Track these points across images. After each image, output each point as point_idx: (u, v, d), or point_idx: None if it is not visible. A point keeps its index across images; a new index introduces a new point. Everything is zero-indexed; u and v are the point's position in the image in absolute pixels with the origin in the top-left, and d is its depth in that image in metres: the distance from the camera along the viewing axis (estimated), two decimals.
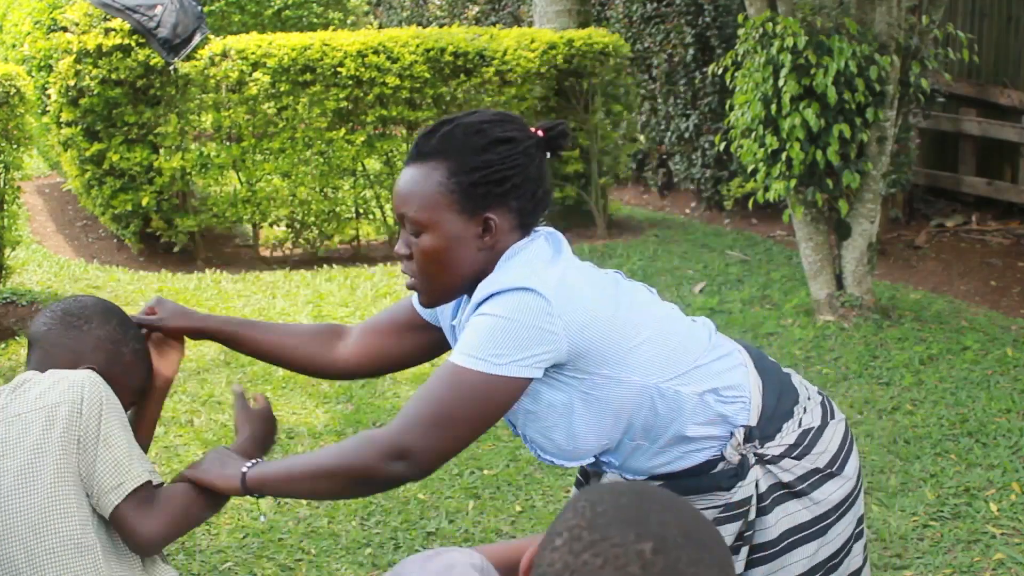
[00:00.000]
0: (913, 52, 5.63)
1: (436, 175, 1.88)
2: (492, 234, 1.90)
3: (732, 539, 1.96)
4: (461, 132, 1.90)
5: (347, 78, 7.13)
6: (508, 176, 1.89)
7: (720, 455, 1.97)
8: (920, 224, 7.91)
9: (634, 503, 1.10)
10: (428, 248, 1.90)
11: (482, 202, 1.89)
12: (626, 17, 9.09)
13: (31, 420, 1.92)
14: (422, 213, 1.89)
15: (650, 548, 1.05)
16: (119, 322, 2.11)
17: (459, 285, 1.94)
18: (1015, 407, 4.61)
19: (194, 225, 7.21)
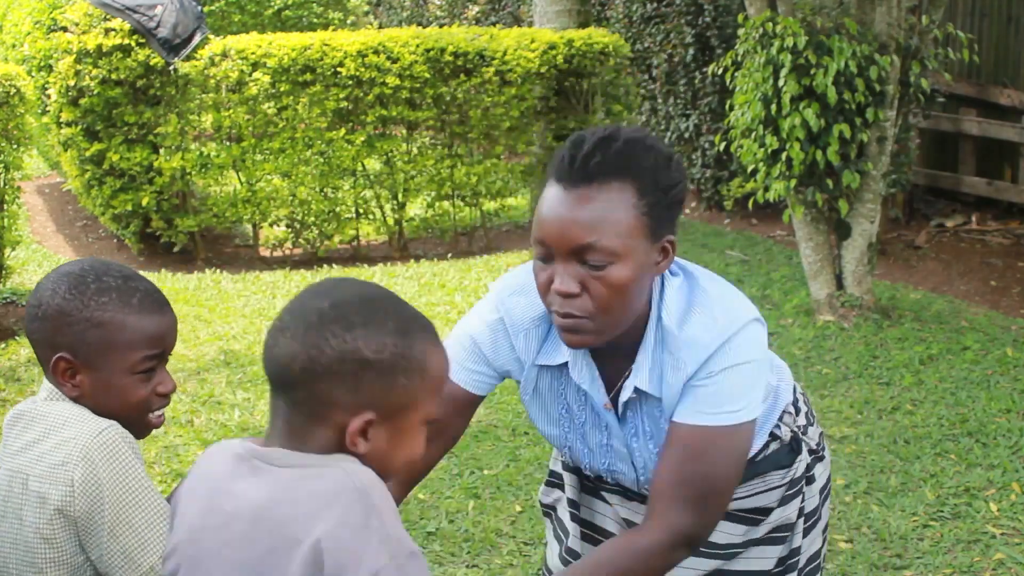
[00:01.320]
0: (913, 52, 5.63)
1: (626, 197, 1.64)
2: (667, 259, 1.71)
3: (796, 513, 2.00)
4: (637, 148, 1.67)
5: (347, 78, 7.13)
6: (683, 196, 1.72)
7: (772, 436, 1.98)
8: (920, 224, 7.91)
9: (329, 283, 1.46)
10: (619, 281, 1.64)
11: (665, 225, 1.69)
12: (626, 17, 9.09)
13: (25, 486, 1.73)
14: (617, 241, 1.63)
15: (328, 304, 1.41)
16: (69, 288, 1.78)
17: (629, 320, 1.72)
18: (1015, 407, 4.61)
19: (194, 225, 7.21)
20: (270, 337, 1.45)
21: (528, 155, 8.14)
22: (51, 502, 1.70)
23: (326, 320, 1.40)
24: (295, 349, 1.40)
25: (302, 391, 1.42)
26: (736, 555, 2.01)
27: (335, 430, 1.42)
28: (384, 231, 7.74)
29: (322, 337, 1.39)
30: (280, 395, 1.46)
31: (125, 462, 1.71)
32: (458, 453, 4.27)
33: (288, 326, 1.43)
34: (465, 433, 4.57)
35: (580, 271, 1.65)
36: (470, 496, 3.94)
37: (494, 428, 4.53)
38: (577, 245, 1.64)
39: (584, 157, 1.65)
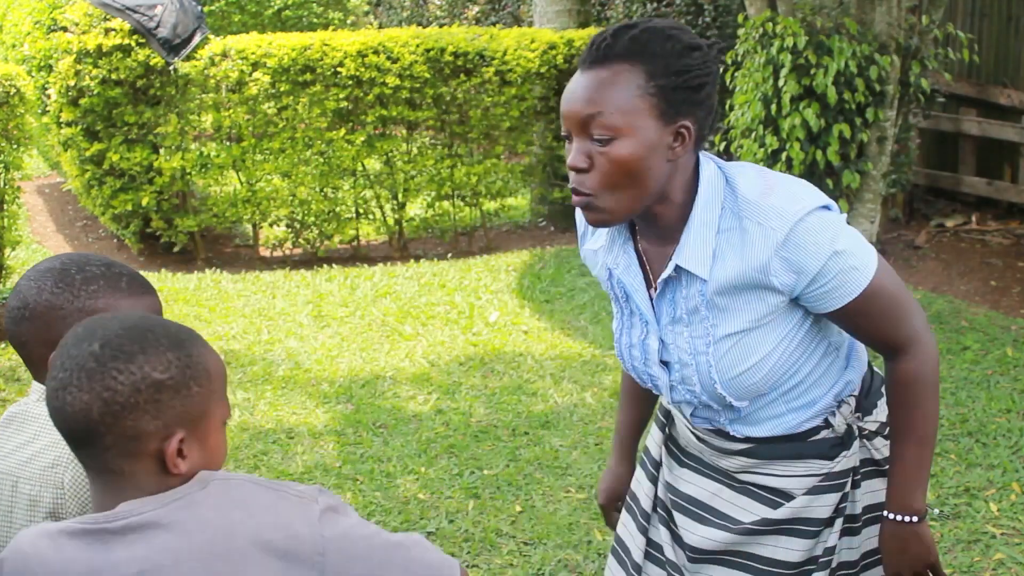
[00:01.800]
0: (913, 52, 5.63)
1: (633, 77, 1.72)
2: (684, 144, 1.76)
3: (830, 510, 1.97)
4: (655, 36, 1.75)
5: (347, 78, 7.13)
6: (703, 83, 1.77)
7: (824, 423, 1.97)
8: (920, 224, 7.91)
9: (87, 327, 1.44)
10: (622, 156, 1.72)
11: (679, 108, 1.75)
12: (626, 17, 9.10)
13: (15, 488, 1.72)
14: (618, 117, 1.72)
15: (98, 346, 1.39)
16: (55, 282, 1.74)
17: (644, 201, 1.78)
18: (1015, 407, 4.61)
19: (194, 225, 7.21)
20: (53, 398, 1.40)
21: (528, 155, 8.14)
22: (43, 505, 1.69)
23: (104, 360, 1.39)
24: (86, 399, 1.37)
25: (109, 436, 1.39)
26: (755, 537, 1.99)
27: (154, 461, 1.41)
28: (384, 231, 7.74)
29: (108, 377, 1.38)
30: (86, 450, 1.41)
31: None
32: (458, 453, 4.28)
33: (69, 381, 1.39)
34: (465, 433, 4.60)
35: (589, 146, 1.74)
36: (470, 496, 3.94)
37: (494, 428, 4.53)
38: (581, 118, 1.74)
39: (600, 42, 1.76)
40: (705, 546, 2.02)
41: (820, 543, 1.97)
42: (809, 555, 1.97)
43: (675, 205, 1.81)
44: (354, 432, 4.49)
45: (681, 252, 1.81)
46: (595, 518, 3.76)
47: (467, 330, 5.78)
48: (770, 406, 1.93)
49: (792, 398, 1.93)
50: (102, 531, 1.39)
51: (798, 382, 1.92)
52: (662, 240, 1.86)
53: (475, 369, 5.19)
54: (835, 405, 1.97)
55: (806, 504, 1.96)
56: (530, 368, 5.16)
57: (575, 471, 4.13)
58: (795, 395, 1.93)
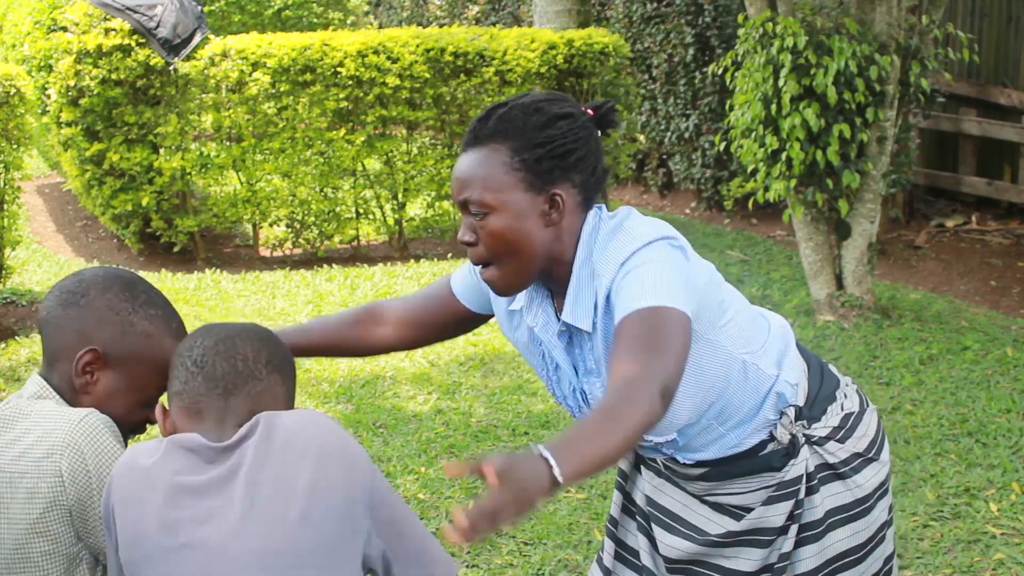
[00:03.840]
0: (913, 52, 5.63)
1: (498, 155, 1.85)
2: (559, 210, 1.87)
3: (783, 518, 2.00)
4: (519, 112, 1.87)
5: (347, 78, 7.13)
6: (572, 150, 1.87)
7: (769, 436, 2.01)
8: (920, 224, 7.91)
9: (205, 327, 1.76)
10: (496, 229, 1.85)
11: (548, 178, 1.86)
12: (626, 17, 9.09)
13: (15, 483, 1.72)
14: (487, 194, 1.84)
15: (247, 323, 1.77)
16: (121, 288, 1.83)
17: (532, 267, 1.88)
18: (1015, 407, 4.61)
19: (194, 225, 7.21)
20: (215, 342, 1.71)
21: None
22: (41, 495, 1.70)
23: (266, 333, 1.80)
24: (257, 346, 1.75)
25: (263, 383, 1.70)
26: (718, 549, 2.05)
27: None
28: (384, 231, 7.74)
29: (274, 343, 1.79)
30: (236, 391, 1.69)
31: (108, 447, 1.74)
32: (458, 453, 4.28)
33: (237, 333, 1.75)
34: (465, 433, 4.59)
35: (472, 221, 1.87)
36: (470, 496, 3.94)
37: (494, 428, 4.53)
38: (459, 199, 1.88)
39: (476, 123, 1.90)
40: (672, 555, 2.09)
41: (775, 551, 2.02)
42: (764, 563, 2.03)
43: (567, 265, 1.91)
44: (354, 432, 4.49)
45: (566, 310, 1.90)
46: (595, 518, 3.76)
47: None
48: (705, 432, 2.00)
49: (725, 419, 1.99)
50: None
51: (724, 405, 1.97)
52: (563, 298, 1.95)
53: (475, 369, 5.19)
54: (776, 418, 2.01)
55: (761, 515, 2.02)
56: (530, 368, 5.17)
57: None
58: (727, 416, 1.99)
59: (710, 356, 1.91)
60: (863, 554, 2.07)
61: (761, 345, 2.00)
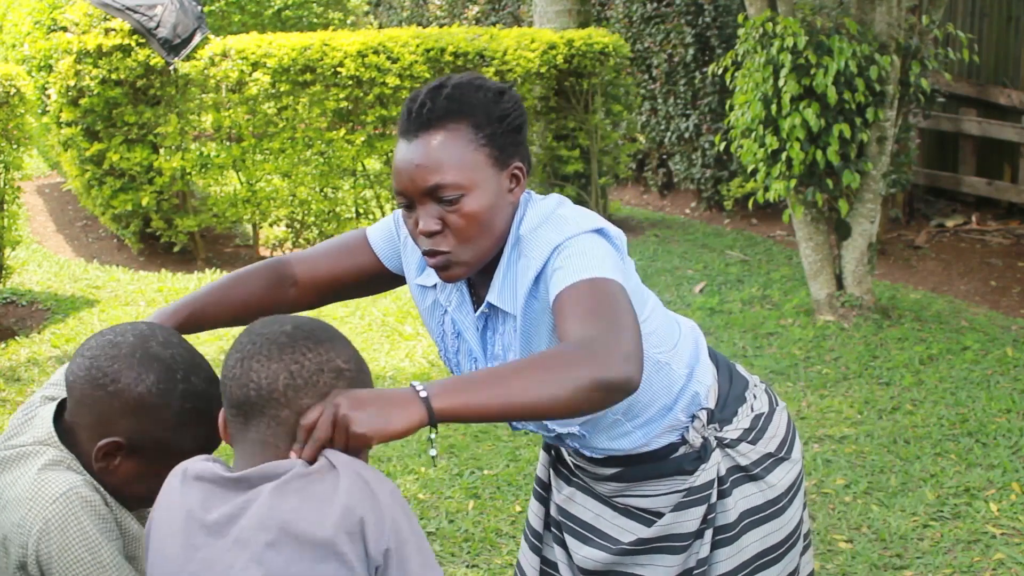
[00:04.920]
0: (913, 52, 5.63)
1: (461, 134, 1.76)
2: (520, 184, 1.83)
3: (697, 523, 1.99)
4: (466, 89, 1.79)
5: (347, 78, 7.13)
6: (522, 123, 1.83)
7: (681, 439, 2.00)
8: (920, 224, 7.91)
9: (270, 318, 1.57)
10: (474, 211, 1.76)
11: (509, 151, 1.81)
12: (626, 17, 9.09)
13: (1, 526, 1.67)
14: (462, 175, 1.75)
15: (290, 327, 1.53)
16: (158, 378, 1.68)
17: (496, 246, 1.82)
18: (1015, 407, 4.61)
19: (194, 225, 7.21)
20: (235, 366, 1.50)
21: None
22: (12, 555, 1.65)
23: (296, 339, 1.50)
24: (274, 368, 1.48)
25: (285, 410, 1.46)
26: (631, 557, 2.03)
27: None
28: None
29: (299, 353, 1.49)
30: (254, 420, 1.48)
31: (81, 532, 1.63)
32: (458, 453, 4.28)
33: (257, 351, 1.49)
34: (465, 433, 4.59)
35: (438, 209, 1.76)
36: (470, 496, 3.94)
37: (494, 428, 4.53)
38: (427, 187, 1.75)
39: (418, 108, 1.78)
40: (587, 566, 2.07)
41: (692, 555, 2.00)
42: (682, 568, 2.00)
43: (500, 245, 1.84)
44: None
45: (492, 289, 1.84)
46: None
47: None
48: (612, 427, 1.96)
49: (633, 415, 1.95)
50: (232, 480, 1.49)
51: (633, 401, 1.92)
52: (486, 278, 1.87)
53: None
54: (688, 421, 1.99)
55: (672, 520, 1.99)
56: None
57: None
58: (635, 413, 1.95)
59: None
60: (780, 553, 2.05)
61: (673, 345, 1.97)
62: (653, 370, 1.92)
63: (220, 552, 1.46)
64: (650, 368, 1.91)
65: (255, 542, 1.44)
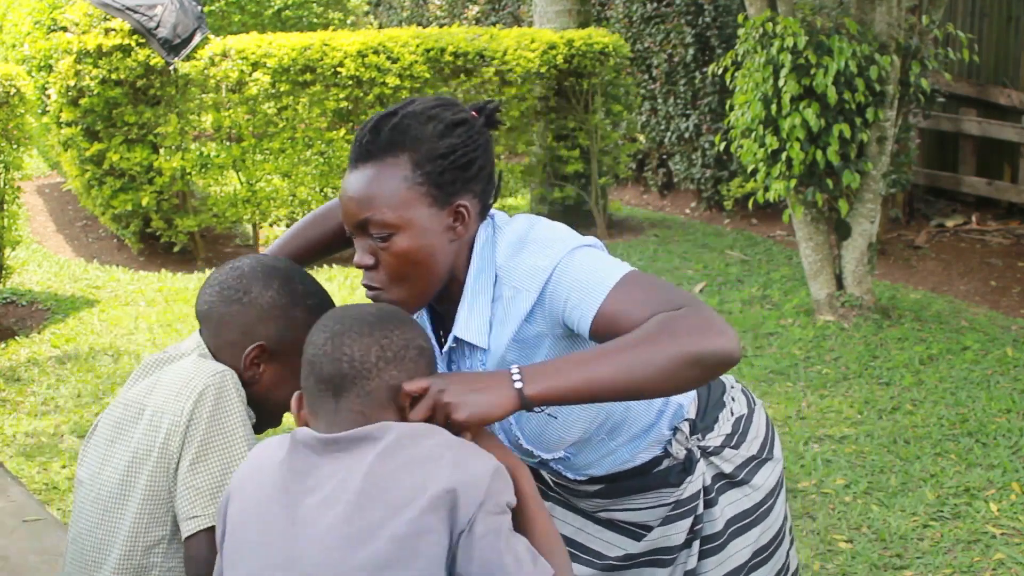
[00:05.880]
0: (913, 52, 5.63)
1: (398, 170, 1.70)
2: (464, 223, 1.74)
3: (684, 535, 1.97)
4: (413, 121, 1.73)
5: (347, 78, 7.13)
6: (473, 159, 1.74)
7: (664, 452, 1.97)
8: (920, 224, 7.91)
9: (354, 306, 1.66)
10: (403, 250, 1.70)
11: (451, 190, 1.72)
12: (626, 17, 9.09)
13: (140, 414, 1.85)
14: (391, 213, 1.69)
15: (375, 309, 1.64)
16: (281, 283, 1.90)
17: (436, 285, 1.76)
18: (1015, 407, 4.61)
19: (194, 225, 7.21)
20: (326, 344, 1.59)
21: (528, 155, 8.14)
22: (164, 425, 1.81)
23: (383, 318, 1.61)
24: (366, 342, 1.57)
25: (375, 381, 1.56)
26: (619, 573, 2.01)
27: (395, 414, 1.58)
28: None
29: (387, 329, 1.59)
30: (345, 394, 1.57)
31: (231, 404, 1.82)
32: None
33: (347, 329, 1.59)
34: None
35: (371, 244, 1.73)
36: None
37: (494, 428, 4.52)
38: (357, 221, 1.72)
39: (363, 138, 1.74)
40: None
41: (679, 566, 1.99)
42: None
43: (460, 279, 1.79)
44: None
45: (458, 324, 1.78)
46: None
47: None
48: (596, 447, 1.93)
49: (617, 434, 1.92)
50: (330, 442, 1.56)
51: (618, 420, 1.90)
52: (452, 314, 1.83)
53: None
54: (671, 434, 1.96)
55: (660, 535, 1.98)
56: None
57: None
58: (619, 432, 1.92)
59: None
60: (769, 553, 2.04)
61: None
62: None
63: (312, 510, 1.52)
64: None
65: (349, 502, 1.50)
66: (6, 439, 4.46)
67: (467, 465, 1.51)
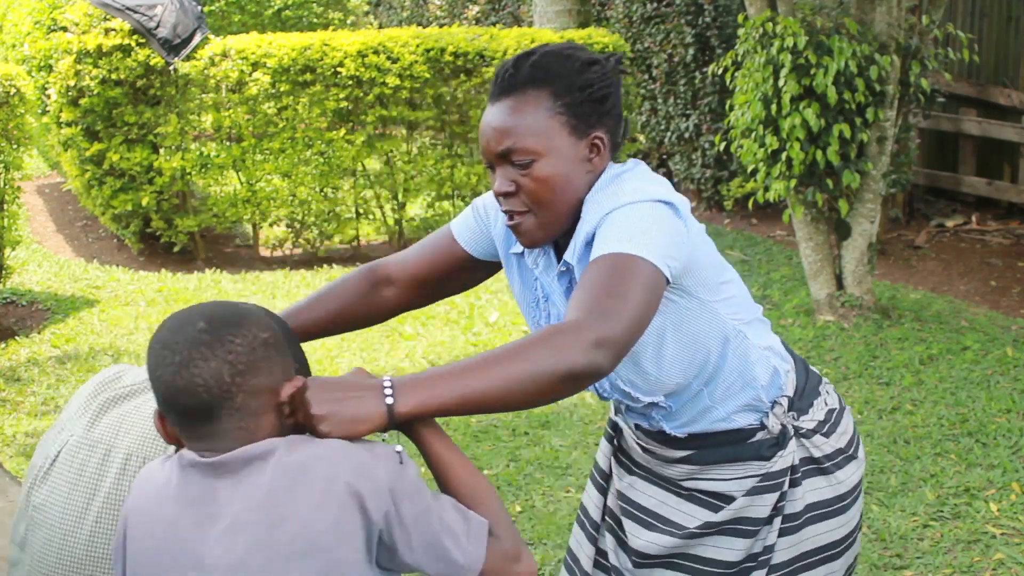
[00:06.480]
0: (913, 52, 5.63)
1: (541, 100, 1.81)
2: (600, 154, 1.85)
3: (769, 509, 1.99)
4: (552, 59, 1.84)
5: (347, 78, 7.13)
6: (608, 94, 1.85)
7: (760, 424, 2.00)
8: (920, 224, 7.91)
9: (180, 315, 1.59)
10: (546, 175, 1.81)
11: (589, 121, 1.84)
12: (626, 17, 9.09)
13: (107, 457, 1.81)
14: (535, 140, 1.80)
15: (203, 323, 1.54)
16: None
17: (569, 213, 1.86)
18: (1015, 407, 4.61)
19: (194, 225, 7.21)
20: (176, 379, 1.52)
21: None
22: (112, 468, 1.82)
23: (216, 331, 1.53)
24: (214, 366, 1.51)
25: (240, 395, 1.51)
26: (698, 540, 2.03)
27: (274, 415, 1.55)
28: (384, 231, 7.74)
29: (227, 342, 1.53)
30: (213, 419, 1.52)
31: None
32: None
33: (189, 358, 1.51)
34: (465, 433, 4.59)
35: (512, 172, 1.82)
36: None
37: (494, 428, 4.53)
38: (501, 149, 1.82)
39: (504, 73, 1.84)
40: (651, 551, 2.07)
41: (759, 540, 2.01)
42: (748, 553, 2.01)
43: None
44: None
45: (570, 250, 1.87)
46: None
47: (467, 330, 5.78)
48: (695, 400, 1.97)
49: (714, 390, 1.96)
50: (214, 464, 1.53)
51: (714, 371, 1.93)
52: (568, 240, 1.91)
53: None
54: (768, 405, 2.00)
55: (745, 504, 2.00)
56: None
57: (575, 471, 4.13)
58: (716, 387, 1.96)
59: (699, 316, 1.88)
60: (839, 550, 2.05)
61: (751, 319, 1.98)
62: (732, 337, 1.93)
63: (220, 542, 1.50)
64: (729, 335, 1.92)
65: (254, 524, 1.48)
66: (6, 439, 4.46)
67: (361, 462, 1.50)
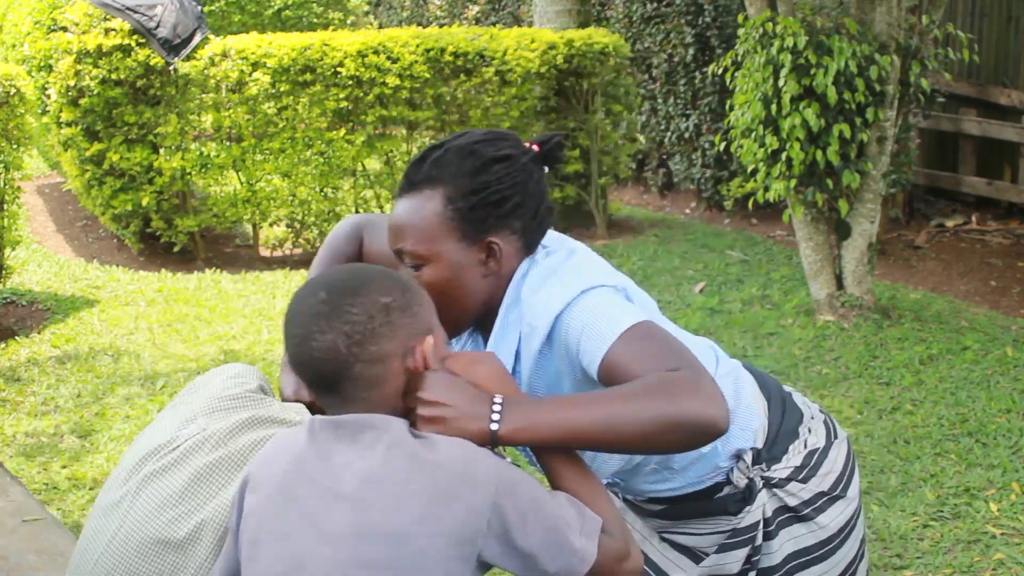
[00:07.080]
0: (913, 52, 5.63)
1: (431, 204, 1.75)
2: (496, 259, 1.77)
3: (740, 564, 1.95)
4: (453, 156, 1.76)
5: (347, 78, 7.13)
6: (508, 196, 1.76)
7: (726, 479, 1.95)
8: (920, 224, 7.91)
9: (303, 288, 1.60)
10: (431, 281, 1.75)
11: (483, 226, 1.76)
12: (626, 17, 9.09)
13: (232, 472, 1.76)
14: (420, 246, 1.75)
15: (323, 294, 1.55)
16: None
17: (469, 316, 1.81)
18: (1015, 407, 4.61)
19: (194, 225, 7.21)
20: (298, 353, 1.56)
21: None
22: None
23: (334, 301, 1.54)
24: (330, 337, 1.53)
25: (357, 365, 1.53)
26: None
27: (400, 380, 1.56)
28: None
29: (344, 312, 1.53)
30: (337, 388, 1.55)
31: None
32: None
33: (308, 330, 1.54)
34: None
35: (411, 272, 1.79)
36: None
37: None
38: (395, 248, 1.80)
39: (409, 168, 1.80)
40: None
41: None
42: None
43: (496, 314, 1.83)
44: None
45: (489, 348, 1.83)
46: None
47: None
48: (650, 475, 1.93)
49: (667, 465, 1.92)
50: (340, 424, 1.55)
51: (662, 457, 1.89)
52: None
53: None
54: (733, 461, 1.94)
55: (716, 562, 1.97)
56: None
57: None
58: (670, 462, 1.91)
59: None
60: None
61: None
62: None
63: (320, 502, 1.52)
64: None
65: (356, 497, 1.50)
66: (6, 439, 4.46)
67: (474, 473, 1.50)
